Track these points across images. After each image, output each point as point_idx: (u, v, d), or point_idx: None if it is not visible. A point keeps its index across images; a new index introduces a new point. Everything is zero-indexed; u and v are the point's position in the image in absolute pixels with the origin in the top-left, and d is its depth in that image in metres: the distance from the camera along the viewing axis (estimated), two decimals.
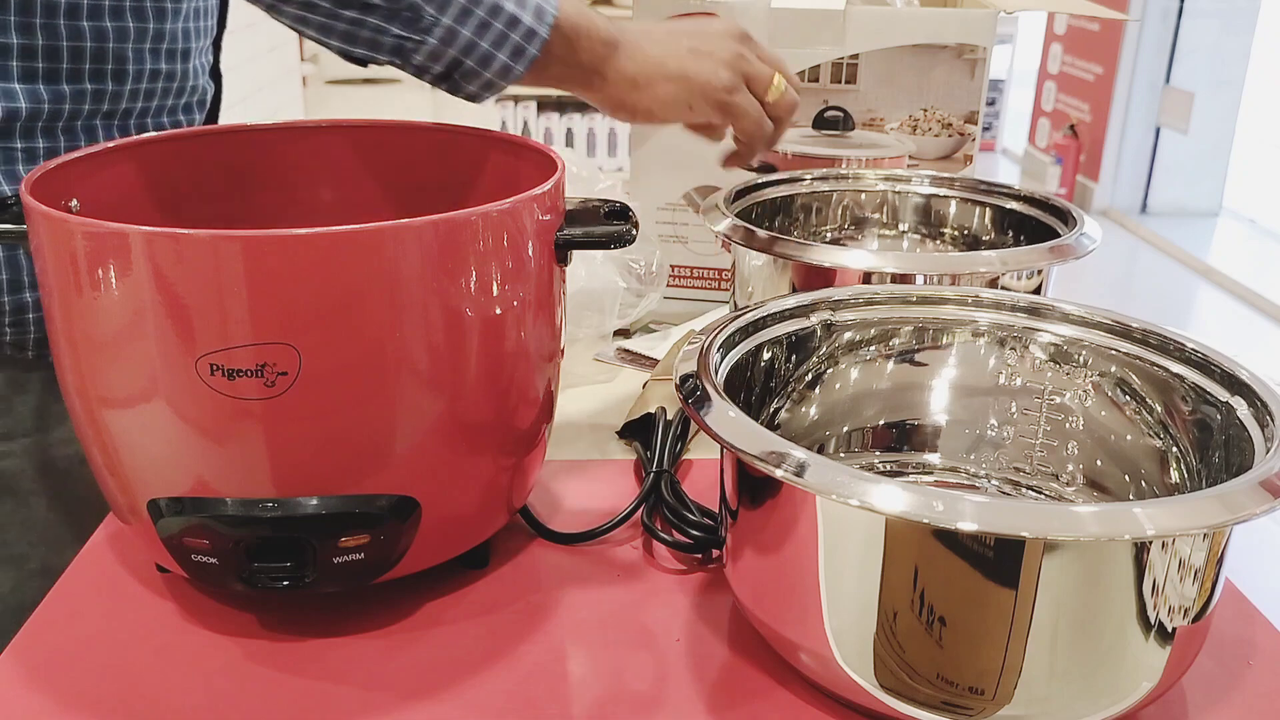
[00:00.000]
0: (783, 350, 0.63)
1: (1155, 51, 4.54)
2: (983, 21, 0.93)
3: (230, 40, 0.84)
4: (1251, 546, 2.35)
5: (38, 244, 0.51)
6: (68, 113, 0.69)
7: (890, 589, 0.45)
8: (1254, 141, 5.36)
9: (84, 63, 0.69)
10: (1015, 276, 0.74)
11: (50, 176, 0.55)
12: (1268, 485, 0.44)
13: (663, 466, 0.66)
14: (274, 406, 0.48)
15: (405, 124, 0.69)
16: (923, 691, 0.46)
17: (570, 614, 0.57)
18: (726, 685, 0.52)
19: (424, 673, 0.53)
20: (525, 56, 0.65)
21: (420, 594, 0.58)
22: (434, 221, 0.49)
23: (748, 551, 0.51)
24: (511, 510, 0.61)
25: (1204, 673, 0.53)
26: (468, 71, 0.65)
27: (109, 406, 0.51)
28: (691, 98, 0.73)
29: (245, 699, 0.51)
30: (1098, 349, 0.61)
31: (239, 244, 0.46)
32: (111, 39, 0.69)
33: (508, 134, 0.66)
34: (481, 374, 0.54)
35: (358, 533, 0.52)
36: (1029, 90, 5.41)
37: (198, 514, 0.51)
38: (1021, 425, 0.64)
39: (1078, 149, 4.83)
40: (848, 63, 0.95)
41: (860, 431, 0.66)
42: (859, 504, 0.43)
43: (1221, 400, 0.54)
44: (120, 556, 0.61)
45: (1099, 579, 0.44)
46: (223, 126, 0.67)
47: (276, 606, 0.57)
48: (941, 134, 0.97)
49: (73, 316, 0.50)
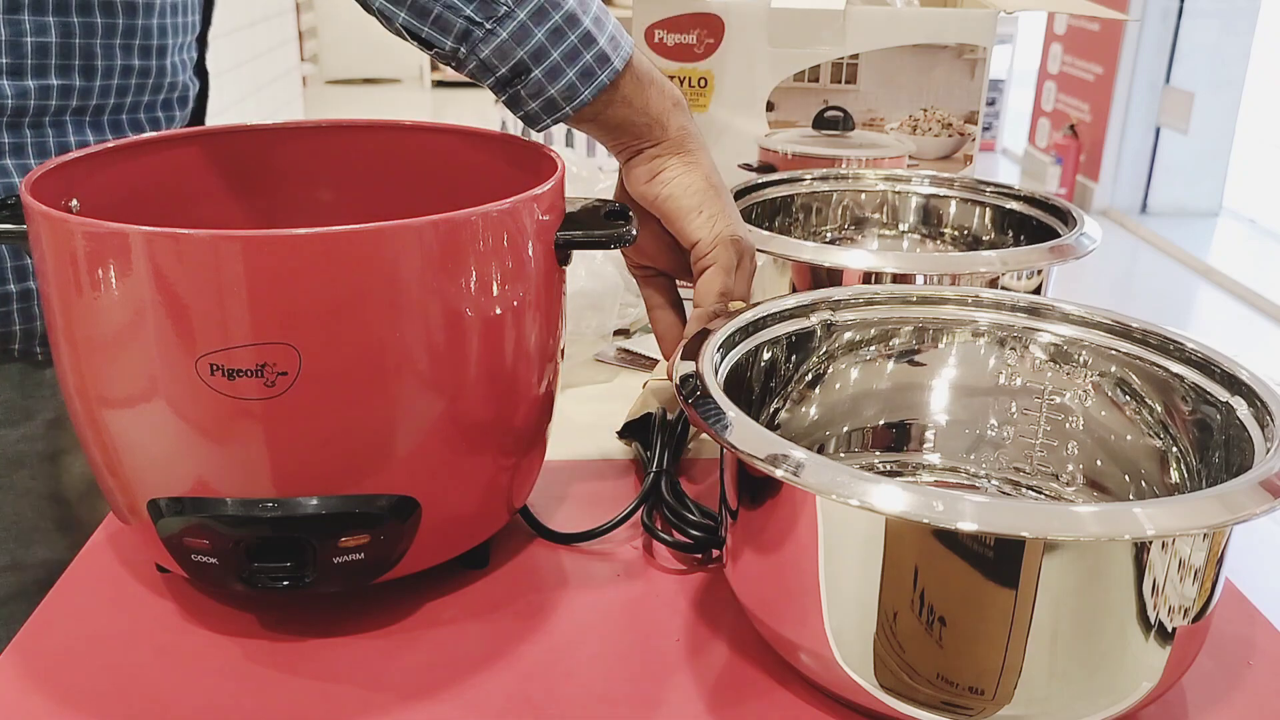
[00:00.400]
0: (783, 350, 0.63)
1: (1155, 51, 4.54)
2: (983, 21, 0.94)
3: (230, 40, 0.84)
4: (1251, 546, 2.35)
5: (37, 244, 0.51)
6: (33, 109, 0.69)
7: (890, 589, 0.45)
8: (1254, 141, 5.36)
9: (50, 58, 0.68)
10: (1015, 276, 0.74)
11: (50, 176, 0.55)
12: (1268, 485, 0.44)
13: (663, 466, 0.66)
14: (274, 406, 0.48)
15: (405, 124, 0.69)
16: (923, 691, 0.46)
17: (570, 614, 0.57)
18: (726, 685, 0.52)
19: (424, 673, 0.53)
20: (595, 81, 0.60)
21: (420, 594, 0.58)
22: (434, 221, 0.49)
23: (748, 551, 0.51)
24: (511, 510, 0.61)
25: (1204, 673, 0.53)
26: (533, 83, 0.60)
27: (109, 406, 0.51)
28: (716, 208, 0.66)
29: (245, 699, 0.51)
30: (1098, 349, 0.61)
31: (239, 244, 0.46)
32: (78, 35, 0.69)
33: (508, 134, 0.66)
34: (481, 374, 0.54)
35: (358, 533, 0.52)
36: (1029, 90, 5.41)
37: (198, 514, 0.51)
38: (1021, 425, 0.64)
39: (1078, 149, 4.83)
40: (848, 63, 0.95)
41: (860, 431, 0.66)
42: (859, 504, 0.43)
43: (1221, 400, 0.54)
44: (120, 556, 0.61)
45: (1099, 579, 0.44)
46: (223, 126, 0.67)
47: (276, 606, 0.57)
48: (941, 134, 0.97)
49: (73, 316, 0.50)
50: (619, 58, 0.61)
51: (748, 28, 0.95)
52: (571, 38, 0.59)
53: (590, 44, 0.60)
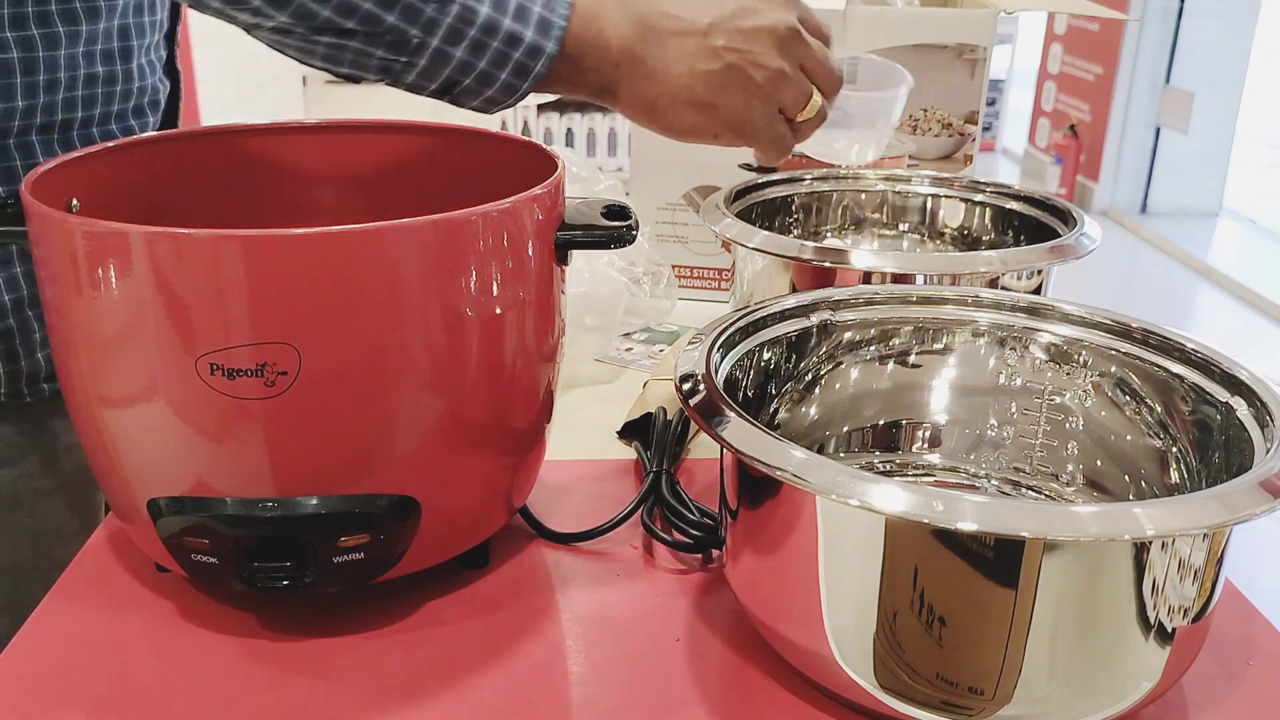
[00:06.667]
0: (782, 350, 0.63)
1: (1155, 51, 4.54)
2: (983, 21, 0.94)
3: (231, 40, 0.84)
4: (1251, 546, 2.35)
5: (37, 244, 0.51)
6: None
7: (890, 589, 0.45)
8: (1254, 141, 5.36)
9: (14, 77, 0.65)
10: (1015, 276, 0.74)
11: (50, 176, 0.55)
12: (1268, 485, 0.44)
13: (663, 466, 0.66)
14: (274, 406, 0.48)
15: (405, 124, 0.69)
16: (922, 691, 0.46)
17: (570, 614, 0.57)
18: (726, 685, 0.52)
19: (424, 673, 0.53)
20: (531, 74, 0.59)
21: (420, 594, 0.58)
22: (434, 221, 0.49)
23: (748, 551, 0.51)
24: (511, 510, 0.61)
25: (1204, 673, 0.53)
26: (467, 89, 0.60)
27: (109, 406, 0.51)
28: (718, 128, 0.65)
29: (245, 699, 0.51)
30: (1098, 349, 0.61)
31: (239, 244, 0.46)
32: (40, 48, 0.66)
33: (507, 134, 0.66)
34: (481, 374, 0.54)
35: (358, 533, 0.52)
36: (1029, 90, 5.41)
37: (198, 514, 0.51)
38: (1021, 425, 0.64)
39: (1078, 149, 4.83)
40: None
41: (860, 431, 0.66)
42: (859, 504, 0.43)
43: (1221, 400, 0.54)
44: (120, 556, 0.61)
45: (1099, 579, 0.44)
46: (223, 126, 0.67)
47: (276, 606, 0.57)
48: (941, 134, 0.97)
49: (73, 316, 0.50)
50: (551, 40, 0.59)
51: None
52: (494, 45, 0.58)
53: (516, 43, 0.58)
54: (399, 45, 0.57)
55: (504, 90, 0.60)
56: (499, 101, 0.61)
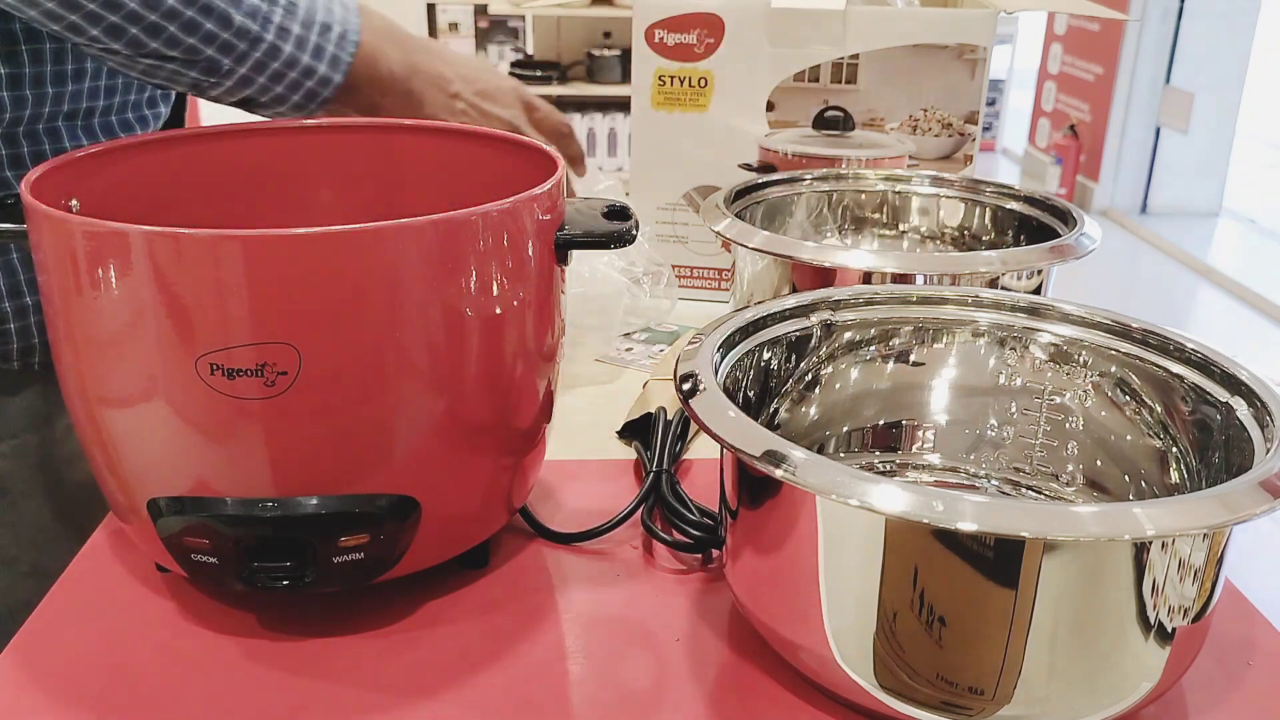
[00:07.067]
0: (782, 350, 0.63)
1: (1155, 51, 4.54)
2: (983, 21, 0.94)
3: None
4: (1251, 546, 2.35)
5: (38, 244, 0.51)
6: (28, 117, 0.69)
7: (890, 589, 0.45)
8: (1254, 141, 5.36)
9: (45, 65, 0.69)
10: (1015, 276, 0.74)
11: (50, 176, 0.55)
12: (1268, 485, 0.44)
13: (663, 466, 0.66)
14: (274, 406, 0.48)
15: (405, 124, 0.69)
16: (922, 691, 0.46)
17: (570, 614, 0.57)
18: (726, 685, 0.52)
19: (424, 673, 0.53)
20: (319, 99, 0.70)
21: (420, 594, 0.58)
22: (434, 221, 0.49)
23: (748, 551, 0.51)
24: (511, 510, 0.61)
25: (1204, 673, 0.53)
26: (262, 104, 0.69)
27: (109, 406, 0.51)
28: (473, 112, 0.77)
29: (245, 699, 0.51)
30: (1098, 349, 0.61)
31: (239, 244, 0.46)
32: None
33: (507, 134, 0.66)
34: (481, 374, 0.54)
35: (358, 533, 0.52)
36: (1029, 90, 5.42)
37: (198, 514, 0.51)
38: (1021, 425, 0.64)
39: (1078, 149, 4.83)
40: (848, 63, 0.95)
41: (860, 431, 0.66)
42: (859, 504, 0.43)
43: (1221, 400, 0.54)
44: (120, 556, 0.61)
45: (1099, 579, 0.44)
46: (223, 126, 0.67)
47: (276, 606, 0.57)
48: (941, 134, 0.97)
49: (73, 316, 0.50)
50: (340, 73, 0.70)
51: (748, 28, 0.95)
52: (292, 75, 0.68)
53: (311, 74, 0.68)
54: (212, 70, 0.65)
55: (293, 109, 0.70)
56: (287, 115, 0.71)
